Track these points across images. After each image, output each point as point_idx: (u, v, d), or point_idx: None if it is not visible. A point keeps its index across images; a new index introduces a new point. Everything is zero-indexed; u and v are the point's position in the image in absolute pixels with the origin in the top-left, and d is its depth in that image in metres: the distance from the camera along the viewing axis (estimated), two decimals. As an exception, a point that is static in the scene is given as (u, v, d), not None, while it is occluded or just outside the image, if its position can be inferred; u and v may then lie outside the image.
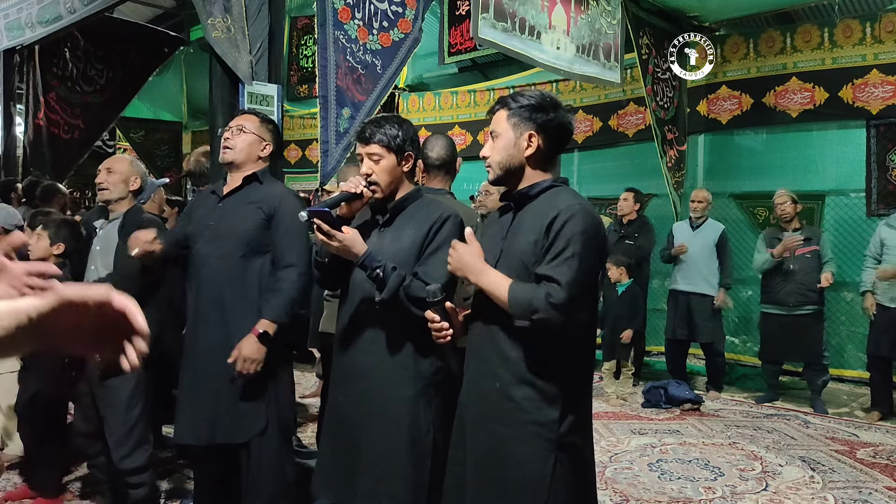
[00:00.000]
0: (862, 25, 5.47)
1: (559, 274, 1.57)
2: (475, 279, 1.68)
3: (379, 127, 2.03)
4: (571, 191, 1.77)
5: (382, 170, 2.02)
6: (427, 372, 2.00)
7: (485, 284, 1.66)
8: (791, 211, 4.98)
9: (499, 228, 1.79)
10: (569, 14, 4.69)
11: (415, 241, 2.00)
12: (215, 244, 2.38)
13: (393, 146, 2.02)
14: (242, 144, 2.41)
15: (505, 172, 1.75)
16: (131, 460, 2.64)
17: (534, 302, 1.57)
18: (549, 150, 1.75)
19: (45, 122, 6.42)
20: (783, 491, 3.42)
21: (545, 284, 1.58)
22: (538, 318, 1.57)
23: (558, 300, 1.55)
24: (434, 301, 1.75)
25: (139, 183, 2.77)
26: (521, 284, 1.62)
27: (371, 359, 2.02)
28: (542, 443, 1.62)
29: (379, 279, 1.91)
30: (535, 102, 1.72)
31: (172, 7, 8.95)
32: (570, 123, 1.77)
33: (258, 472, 2.36)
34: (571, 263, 1.58)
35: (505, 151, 1.73)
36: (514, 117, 1.73)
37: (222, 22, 3.11)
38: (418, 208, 2.07)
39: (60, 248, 2.92)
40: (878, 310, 4.62)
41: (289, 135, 9.05)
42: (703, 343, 5.35)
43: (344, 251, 1.93)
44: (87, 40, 6.57)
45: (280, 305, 2.30)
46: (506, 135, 1.73)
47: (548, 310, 1.55)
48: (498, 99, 1.80)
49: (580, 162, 7.45)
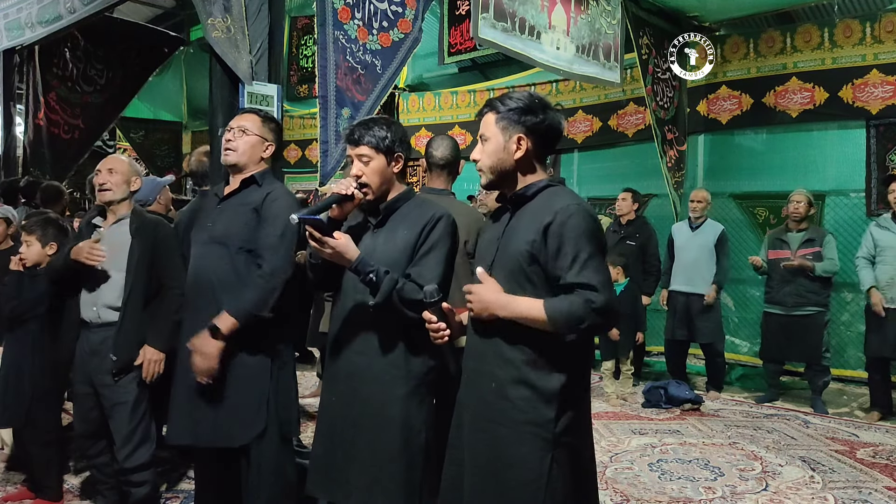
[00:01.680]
0: (862, 25, 5.47)
1: (589, 278, 1.58)
2: (506, 314, 1.65)
3: (367, 129, 2.03)
4: (568, 190, 1.77)
5: (372, 171, 2.02)
6: (419, 371, 2.01)
7: (518, 314, 1.64)
8: (803, 212, 4.97)
9: (495, 230, 1.79)
10: (569, 14, 4.69)
11: (408, 242, 2.00)
12: (211, 246, 2.37)
13: (382, 147, 2.02)
14: (245, 147, 2.38)
15: (496, 176, 1.75)
16: (135, 458, 2.65)
17: (576, 312, 1.57)
18: (539, 152, 1.75)
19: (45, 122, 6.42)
20: (783, 491, 3.42)
21: (581, 292, 1.58)
22: (586, 327, 1.58)
23: (600, 304, 1.57)
24: (431, 302, 1.75)
25: (139, 183, 2.77)
26: (554, 301, 1.61)
27: (363, 359, 2.03)
28: (538, 443, 1.63)
29: (372, 283, 1.91)
30: (524, 105, 1.71)
31: (172, 7, 8.96)
32: (559, 124, 1.75)
33: (258, 473, 2.36)
34: (593, 265, 1.60)
35: (495, 155, 1.73)
36: (503, 121, 1.72)
37: (222, 22, 3.11)
38: (410, 208, 2.08)
39: (53, 247, 2.94)
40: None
41: (289, 135, 9.06)
42: (702, 343, 5.34)
43: (336, 257, 1.93)
44: (87, 40, 6.57)
45: (245, 303, 2.23)
46: (495, 139, 1.72)
47: (593, 316, 1.57)
48: (486, 102, 1.79)
49: (580, 162, 7.46)
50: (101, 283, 2.67)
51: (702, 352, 5.57)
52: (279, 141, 2.52)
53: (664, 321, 5.57)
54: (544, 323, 1.60)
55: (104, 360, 2.63)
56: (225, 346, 2.22)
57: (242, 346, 2.32)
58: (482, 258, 1.79)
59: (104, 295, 2.67)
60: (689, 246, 5.30)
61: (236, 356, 2.33)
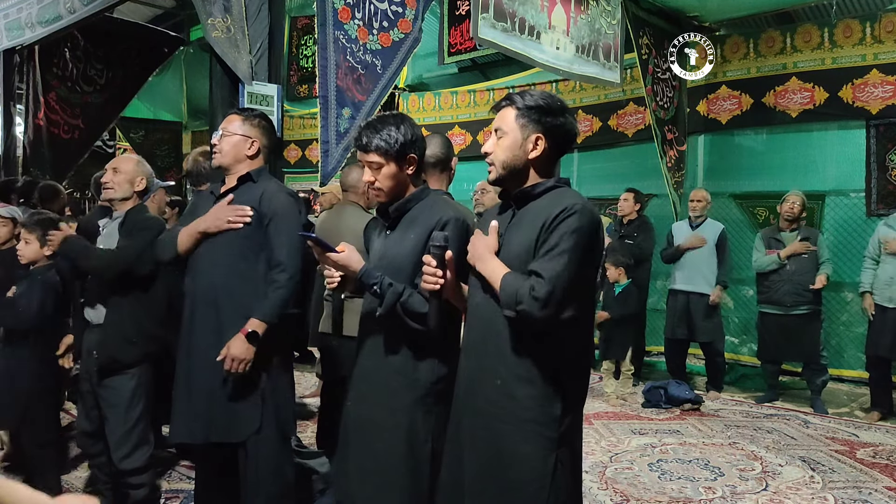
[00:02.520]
0: (862, 25, 5.47)
1: (544, 269, 1.58)
2: (480, 267, 1.70)
3: (376, 132, 1.95)
4: (575, 191, 1.76)
5: (384, 177, 1.97)
6: (426, 380, 1.95)
7: (486, 271, 1.69)
8: (797, 213, 5.00)
9: (497, 224, 1.77)
10: (568, 14, 4.69)
11: (416, 246, 1.95)
12: (209, 244, 2.38)
13: (392, 152, 1.94)
14: (227, 147, 2.42)
15: (508, 172, 1.73)
16: (131, 461, 2.64)
17: (519, 293, 1.59)
18: (552, 154, 1.74)
19: (45, 122, 6.41)
20: (783, 491, 3.42)
21: (531, 278, 1.59)
22: (521, 310, 1.59)
23: (540, 293, 1.56)
24: (437, 245, 1.76)
25: (144, 183, 2.77)
26: (513, 275, 1.63)
27: (371, 363, 2.02)
28: (543, 441, 1.62)
29: (376, 295, 1.90)
30: (545, 104, 1.69)
31: (172, 7, 8.95)
32: (575, 128, 1.75)
33: (257, 472, 2.36)
34: (560, 259, 1.58)
35: (510, 151, 1.71)
36: (523, 118, 1.70)
37: (222, 22, 3.11)
38: (421, 210, 2.01)
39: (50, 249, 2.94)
40: (877, 310, 4.63)
41: (289, 135, 9.05)
42: (702, 343, 5.35)
43: (342, 269, 1.94)
44: (87, 40, 6.55)
45: (269, 306, 2.31)
46: (512, 134, 1.71)
47: (530, 302, 1.57)
48: (505, 95, 1.76)
49: (580, 162, 7.45)
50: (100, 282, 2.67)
51: (702, 351, 5.57)
52: (269, 136, 2.52)
53: (664, 321, 5.57)
54: (498, 291, 1.65)
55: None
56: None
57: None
58: None
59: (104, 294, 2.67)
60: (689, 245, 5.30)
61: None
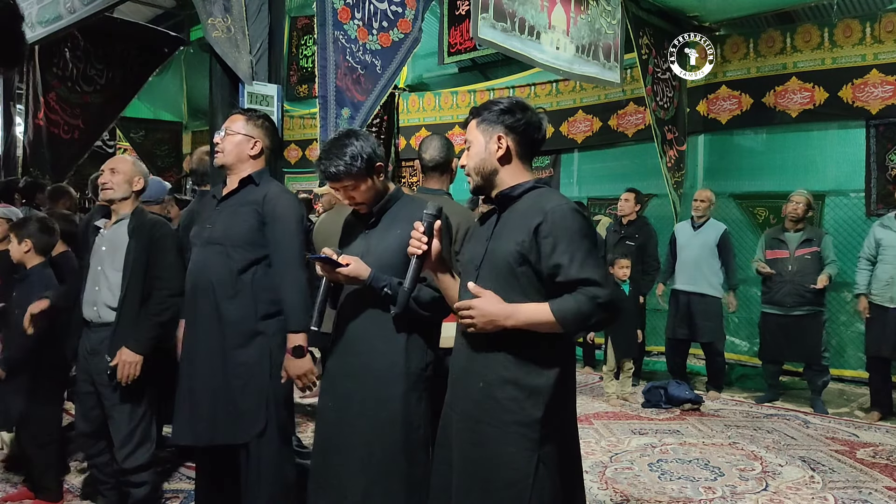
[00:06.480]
0: (862, 25, 5.47)
1: (591, 274, 1.59)
2: (513, 322, 1.63)
3: (339, 159, 2.01)
4: (555, 191, 1.80)
5: (362, 193, 2.08)
6: (417, 367, 2.05)
7: (526, 321, 1.62)
8: (801, 213, 4.98)
9: (483, 231, 1.81)
10: (568, 14, 4.69)
11: (402, 241, 1.98)
12: (211, 247, 2.39)
13: (363, 170, 2.04)
14: (230, 146, 2.44)
15: (481, 178, 1.77)
16: (134, 459, 2.66)
17: (583, 310, 1.58)
18: (521, 152, 1.76)
19: (45, 122, 6.41)
20: (783, 491, 3.42)
21: (584, 289, 1.59)
22: (594, 322, 1.60)
23: (605, 298, 1.58)
24: (429, 214, 1.78)
25: (142, 183, 2.78)
26: (560, 301, 1.60)
27: (362, 359, 2.05)
28: (525, 443, 1.63)
29: (388, 296, 1.98)
30: (503, 107, 1.75)
31: (172, 7, 8.96)
32: (539, 123, 1.77)
33: (258, 473, 2.36)
34: (592, 261, 1.62)
35: (477, 156, 1.76)
36: (483, 123, 1.76)
37: (222, 22, 3.11)
38: (401, 207, 2.14)
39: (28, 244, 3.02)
40: (877, 310, 4.62)
41: (289, 135, 9.06)
42: (703, 343, 5.35)
43: (350, 280, 2.01)
44: (87, 40, 6.55)
45: (296, 314, 2.34)
46: (476, 140, 1.76)
47: (600, 312, 1.58)
48: (469, 111, 1.83)
49: (580, 162, 7.46)
50: (101, 282, 2.68)
51: (702, 351, 5.57)
52: (272, 137, 2.54)
53: (664, 321, 5.57)
54: (553, 325, 1.60)
55: (103, 359, 2.63)
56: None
57: (241, 346, 2.34)
58: (470, 260, 1.80)
59: (104, 294, 2.67)
60: (690, 245, 5.31)
61: (236, 357, 2.34)
